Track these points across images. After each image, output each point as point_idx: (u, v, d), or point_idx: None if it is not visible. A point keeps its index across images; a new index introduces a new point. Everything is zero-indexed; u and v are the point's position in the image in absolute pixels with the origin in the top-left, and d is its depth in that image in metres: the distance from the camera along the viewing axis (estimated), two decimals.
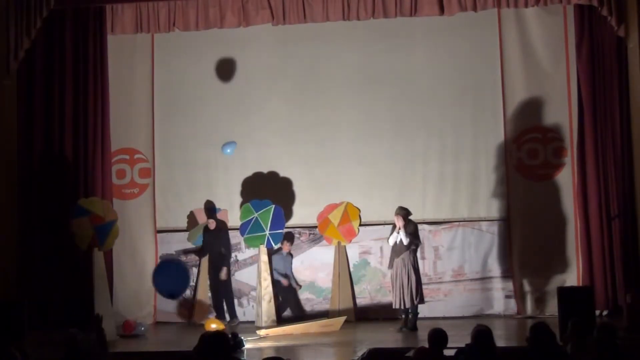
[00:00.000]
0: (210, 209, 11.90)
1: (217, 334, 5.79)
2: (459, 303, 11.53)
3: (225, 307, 11.63)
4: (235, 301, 11.85)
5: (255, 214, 11.38)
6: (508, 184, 11.61)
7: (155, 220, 12.11)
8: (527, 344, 6.08)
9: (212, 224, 11.68)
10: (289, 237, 11.78)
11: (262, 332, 10.53)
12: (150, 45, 12.23)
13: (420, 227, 11.51)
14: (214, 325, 10.49)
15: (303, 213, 11.90)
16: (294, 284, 11.70)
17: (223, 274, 11.56)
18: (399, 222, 10.49)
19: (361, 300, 11.73)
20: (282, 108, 12.03)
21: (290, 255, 11.82)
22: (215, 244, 11.65)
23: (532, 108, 11.61)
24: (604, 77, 11.13)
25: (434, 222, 11.68)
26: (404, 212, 10.59)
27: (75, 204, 10.71)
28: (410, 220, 10.60)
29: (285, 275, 11.64)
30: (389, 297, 11.26)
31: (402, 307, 10.47)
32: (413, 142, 11.82)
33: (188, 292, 11.87)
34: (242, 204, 11.68)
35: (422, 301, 10.54)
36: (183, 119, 12.19)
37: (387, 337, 10.17)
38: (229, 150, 11.26)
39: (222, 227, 11.77)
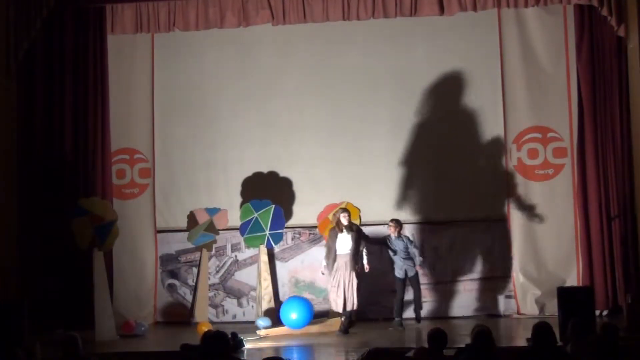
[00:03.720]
0: None
1: (217, 334, 5.81)
2: (459, 303, 11.53)
3: None
4: (235, 301, 11.90)
5: (255, 214, 11.39)
6: (508, 184, 11.61)
7: (155, 220, 12.11)
8: (530, 343, 6.09)
9: None
10: (395, 220, 10.97)
11: (262, 332, 10.53)
12: (150, 45, 12.23)
13: (420, 227, 11.58)
14: (205, 328, 10.44)
15: (303, 213, 11.90)
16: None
17: None
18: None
19: (361, 300, 11.71)
20: (282, 108, 12.03)
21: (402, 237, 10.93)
22: None
23: (532, 108, 11.61)
24: (604, 77, 11.13)
25: (434, 222, 11.67)
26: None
27: (75, 203, 10.71)
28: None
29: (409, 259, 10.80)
30: (389, 297, 11.27)
31: (348, 310, 10.49)
32: (413, 142, 11.81)
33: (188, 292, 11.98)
34: (242, 204, 11.69)
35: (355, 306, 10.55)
36: (183, 119, 12.18)
37: (387, 337, 10.17)
38: (261, 322, 11.13)
39: None
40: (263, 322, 10.96)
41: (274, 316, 11.09)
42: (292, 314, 10.56)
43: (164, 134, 12.22)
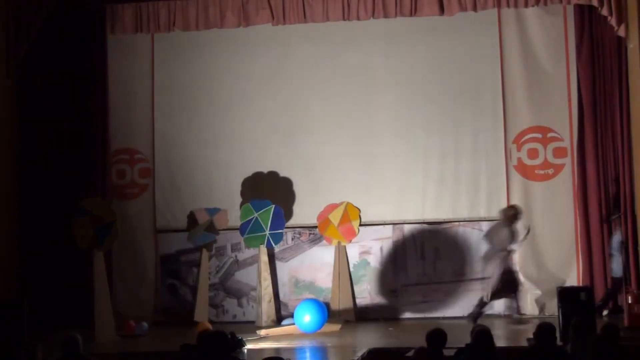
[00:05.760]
0: None
1: (216, 334, 5.81)
2: (459, 303, 11.53)
3: None
4: (235, 301, 11.90)
5: (255, 214, 11.39)
6: (508, 184, 11.61)
7: (155, 220, 12.12)
8: (532, 342, 6.09)
9: None
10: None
11: (262, 332, 10.54)
12: (150, 45, 12.24)
13: (420, 227, 11.57)
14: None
15: (303, 213, 11.90)
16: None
17: None
18: None
19: (361, 300, 11.72)
20: (282, 108, 12.03)
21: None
22: None
23: (532, 108, 11.61)
24: (604, 77, 11.13)
25: (434, 222, 11.67)
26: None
27: (76, 204, 10.70)
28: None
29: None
30: (389, 297, 11.25)
31: None
32: (413, 142, 11.81)
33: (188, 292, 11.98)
34: (242, 204, 11.69)
35: None
36: (183, 119, 12.19)
37: (387, 337, 10.17)
38: (285, 322, 11.14)
39: None
40: (287, 321, 11.06)
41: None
42: (305, 316, 10.46)
43: (164, 134, 12.22)
